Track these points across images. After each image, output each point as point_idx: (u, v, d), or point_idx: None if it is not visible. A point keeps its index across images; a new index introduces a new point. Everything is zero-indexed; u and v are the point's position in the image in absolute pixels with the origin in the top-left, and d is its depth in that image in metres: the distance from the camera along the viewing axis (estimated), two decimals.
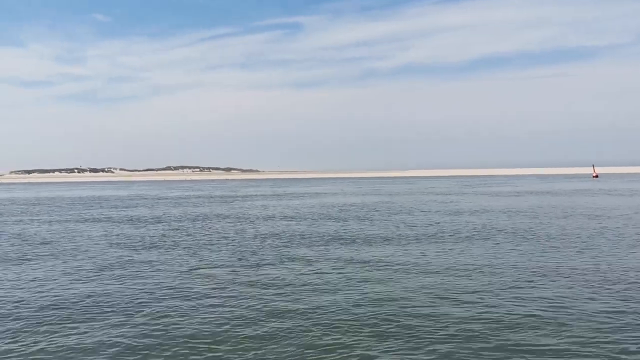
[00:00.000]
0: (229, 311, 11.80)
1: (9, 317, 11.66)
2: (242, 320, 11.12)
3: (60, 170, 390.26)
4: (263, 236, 25.09)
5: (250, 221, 32.53)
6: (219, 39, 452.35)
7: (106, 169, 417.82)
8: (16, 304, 12.78)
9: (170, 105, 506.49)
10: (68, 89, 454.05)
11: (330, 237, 24.16)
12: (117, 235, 26.60)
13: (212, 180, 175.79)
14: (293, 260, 18.23)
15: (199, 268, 17.15)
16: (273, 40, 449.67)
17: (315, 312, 11.56)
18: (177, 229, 28.71)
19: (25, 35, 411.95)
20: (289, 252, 20.19)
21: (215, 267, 17.21)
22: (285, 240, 23.42)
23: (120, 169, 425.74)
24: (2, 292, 14.11)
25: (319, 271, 16.27)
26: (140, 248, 21.92)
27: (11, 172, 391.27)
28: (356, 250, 20.42)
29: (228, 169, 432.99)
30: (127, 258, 19.40)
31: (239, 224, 31.12)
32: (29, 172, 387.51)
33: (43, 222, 34.16)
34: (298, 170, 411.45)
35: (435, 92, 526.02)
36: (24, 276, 16.28)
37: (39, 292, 14.05)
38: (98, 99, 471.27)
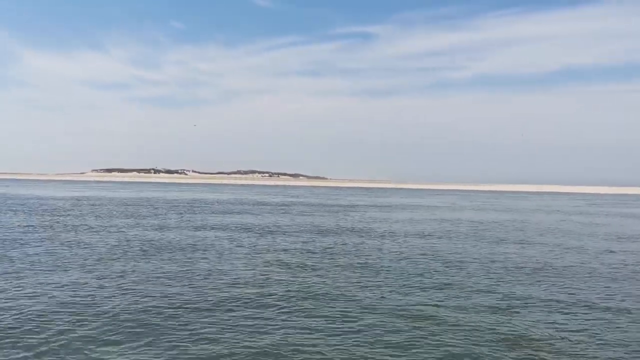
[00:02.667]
0: None
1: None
2: None
3: (138, 171, 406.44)
4: (446, 260, 21.34)
5: (395, 236, 28.94)
6: (290, 47, 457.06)
7: (180, 171, 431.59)
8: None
9: (240, 110, 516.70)
10: (144, 92, 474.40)
11: (533, 268, 20.04)
12: (269, 249, 23.71)
13: (296, 186, 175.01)
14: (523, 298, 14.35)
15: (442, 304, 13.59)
16: (343, 49, 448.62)
17: None
18: (330, 245, 25.53)
19: (107, 40, 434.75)
20: (501, 286, 16.30)
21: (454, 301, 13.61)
22: (480, 268, 19.54)
23: (193, 171, 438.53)
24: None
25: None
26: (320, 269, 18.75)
27: (92, 171, 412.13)
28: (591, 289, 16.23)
29: (296, 175, 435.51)
30: (319, 283, 16.21)
31: (390, 240, 27.58)
32: (109, 171, 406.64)
33: (180, 228, 32.16)
34: (366, 179, 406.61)
35: (510, 104, 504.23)
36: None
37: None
38: (171, 102, 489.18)
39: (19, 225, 30.48)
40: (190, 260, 19.66)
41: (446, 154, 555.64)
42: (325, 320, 12.02)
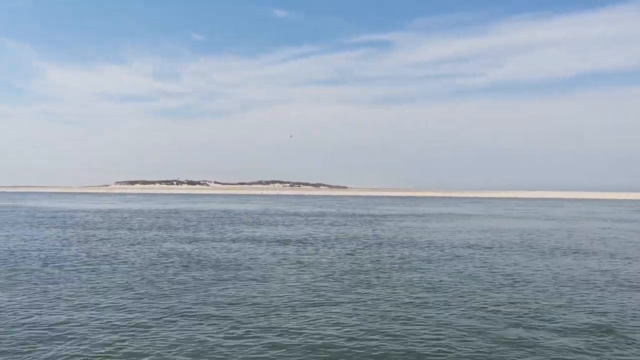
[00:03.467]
0: None
1: None
2: None
3: (160, 182, 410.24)
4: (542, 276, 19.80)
5: (443, 248, 27.42)
6: (308, 56, 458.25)
7: (202, 182, 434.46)
8: None
9: (260, 120, 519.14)
10: (164, 104, 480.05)
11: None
12: (317, 262, 22.43)
13: (321, 196, 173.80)
14: None
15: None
16: (362, 57, 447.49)
17: None
18: (378, 258, 24.17)
19: (128, 53, 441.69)
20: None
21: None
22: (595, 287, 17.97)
23: (215, 182, 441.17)
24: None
25: None
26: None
27: (116, 183, 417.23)
28: None
29: (317, 185, 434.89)
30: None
31: (439, 252, 26.09)
32: (132, 183, 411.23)
33: (217, 240, 31.15)
34: (386, 188, 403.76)
35: (527, 110, 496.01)
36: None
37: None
38: (191, 113, 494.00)
39: (56, 240, 29.81)
40: (238, 276, 18.51)
41: (464, 161, 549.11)
42: (400, 344, 10.70)
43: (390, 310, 13.54)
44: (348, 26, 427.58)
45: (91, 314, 12.78)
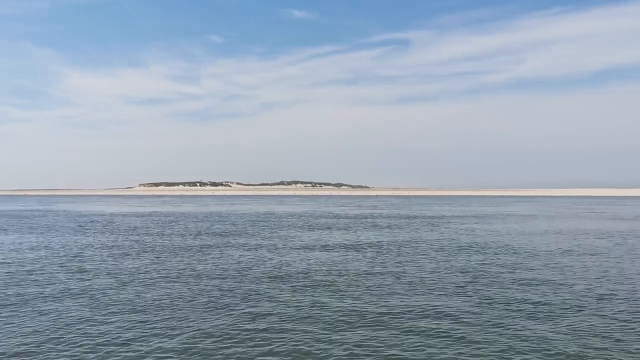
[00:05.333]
0: None
1: None
2: None
3: (184, 184, 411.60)
4: None
5: (532, 254, 23.87)
6: (327, 56, 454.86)
7: (224, 183, 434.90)
8: None
9: (279, 121, 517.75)
10: (184, 106, 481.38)
11: None
12: (408, 272, 19.12)
13: (360, 196, 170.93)
14: None
15: None
16: (380, 56, 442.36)
17: None
18: (470, 269, 20.76)
19: (147, 57, 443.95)
20: None
21: None
22: None
23: (237, 183, 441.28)
24: None
25: None
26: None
27: (140, 185, 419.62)
28: None
29: (338, 185, 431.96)
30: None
31: (530, 259, 22.58)
32: (156, 184, 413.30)
33: (280, 248, 28.08)
34: (411, 187, 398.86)
35: (550, 106, 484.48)
36: None
37: None
38: (211, 116, 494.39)
39: (111, 248, 27.02)
40: (345, 287, 15.30)
41: (486, 159, 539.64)
42: None
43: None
44: (366, 26, 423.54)
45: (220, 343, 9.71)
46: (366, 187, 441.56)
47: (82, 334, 11.50)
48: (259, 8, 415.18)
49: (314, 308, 13.77)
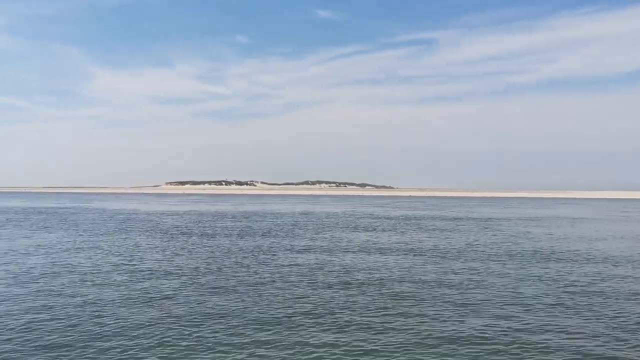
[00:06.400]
0: None
1: None
2: None
3: (209, 182, 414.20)
4: None
5: (617, 263, 21.91)
6: (352, 56, 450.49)
7: (249, 182, 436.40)
8: None
9: (303, 121, 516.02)
10: (209, 106, 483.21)
11: None
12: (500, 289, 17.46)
13: (382, 197, 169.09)
14: None
15: None
16: (406, 56, 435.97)
17: None
18: (570, 282, 18.98)
19: (174, 56, 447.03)
20: None
21: None
22: None
23: (262, 182, 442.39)
24: None
25: None
26: None
27: (166, 183, 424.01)
28: None
29: (363, 185, 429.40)
30: None
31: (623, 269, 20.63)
32: (182, 183, 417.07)
33: (337, 250, 26.69)
34: (436, 188, 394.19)
35: (581, 107, 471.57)
36: None
37: None
38: (236, 115, 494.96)
39: (161, 248, 26.03)
40: (428, 300, 13.80)
41: (513, 160, 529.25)
42: None
43: None
44: (392, 25, 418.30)
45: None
46: (390, 187, 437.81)
47: (149, 339, 10.30)
48: (283, 8, 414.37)
49: (408, 323, 12.33)
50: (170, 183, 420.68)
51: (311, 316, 12.92)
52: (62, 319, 12.51)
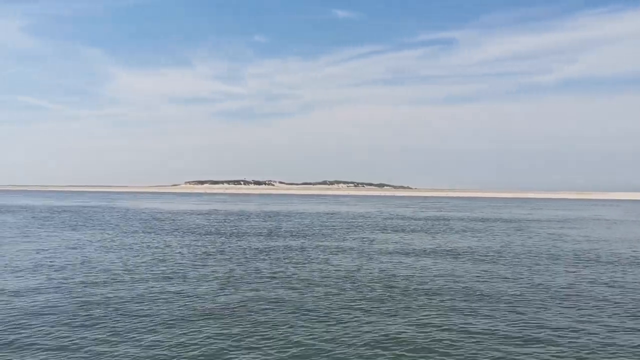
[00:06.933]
0: None
1: None
2: None
3: (227, 182, 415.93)
4: None
5: None
6: (370, 56, 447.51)
7: (267, 182, 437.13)
8: None
9: (321, 121, 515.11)
10: (227, 106, 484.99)
11: None
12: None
13: (405, 197, 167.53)
14: None
15: None
16: (423, 56, 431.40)
17: None
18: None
19: (193, 57, 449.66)
20: None
21: None
22: None
23: (280, 182, 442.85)
24: None
25: None
26: None
27: (185, 183, 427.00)
28: None
29: (381, 185, 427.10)
30: None
31: None
32: (201, 182, 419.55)
33: (381, 253, 25.78)
34: (454, 188, 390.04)
35: (602, 107, 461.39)
36: None
37: None
38: (254, 115, 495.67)
39: (193, 249, 25.40)
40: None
41: (531, 161, 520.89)
42: None
43: None
44: (410, 25, 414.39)
45: None
46: (408, 187, 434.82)
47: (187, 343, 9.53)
48: (301, 8, 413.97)
49: (466, 332, 11.38)
50: (189, 182, 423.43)
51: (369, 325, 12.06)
52: (104, 322, 11.85)
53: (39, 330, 11.26)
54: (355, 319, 12.51)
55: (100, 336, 10.85)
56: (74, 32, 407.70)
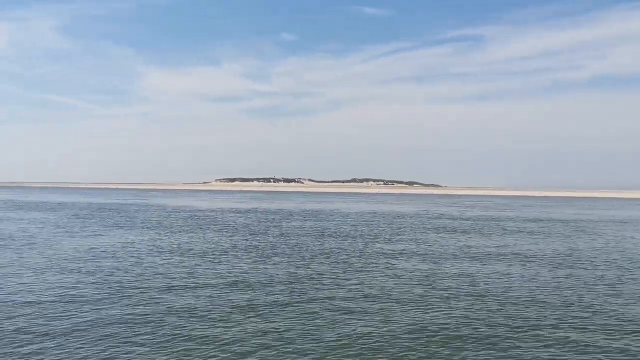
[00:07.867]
0: None
1: None
2: None
3: (258, 180, 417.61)
4: None
5: None
6: (399, 53, 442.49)
7: (297, 180, 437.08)
8: None
9: (349, 119, 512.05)
10: (256, 104, 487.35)
11: None
12: None
13: (446, 196, 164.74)
14: None
15: None
16: (452, 53, 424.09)
17: None
18: None
19: (221, 55, 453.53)
20: None
21: None
22: None
23: (309, 180, 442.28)
24: None
25: None
26: None
27: (216, 180, 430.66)
28: None
29: (411, 183, 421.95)
30: None
31: None
32: (232, 180, 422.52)
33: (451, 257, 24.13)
34: (482, 187, 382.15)
35: (634, 104, 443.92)
36: None
37: None
38: (282, 113, 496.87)
39: (242, 249, 24.23)
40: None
41: (560, 159, 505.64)
42: None
43: None
44: (438, 22, 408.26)
45: None
46: (438, 186, 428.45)
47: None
48: (330, 6, 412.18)
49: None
50: (220, 180, 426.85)
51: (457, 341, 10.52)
52: (161, 327, 10.65)
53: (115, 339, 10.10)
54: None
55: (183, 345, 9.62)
56: (105, 31, 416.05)
